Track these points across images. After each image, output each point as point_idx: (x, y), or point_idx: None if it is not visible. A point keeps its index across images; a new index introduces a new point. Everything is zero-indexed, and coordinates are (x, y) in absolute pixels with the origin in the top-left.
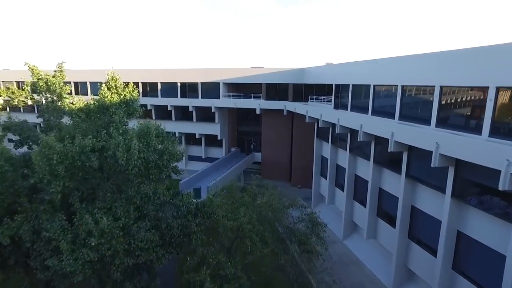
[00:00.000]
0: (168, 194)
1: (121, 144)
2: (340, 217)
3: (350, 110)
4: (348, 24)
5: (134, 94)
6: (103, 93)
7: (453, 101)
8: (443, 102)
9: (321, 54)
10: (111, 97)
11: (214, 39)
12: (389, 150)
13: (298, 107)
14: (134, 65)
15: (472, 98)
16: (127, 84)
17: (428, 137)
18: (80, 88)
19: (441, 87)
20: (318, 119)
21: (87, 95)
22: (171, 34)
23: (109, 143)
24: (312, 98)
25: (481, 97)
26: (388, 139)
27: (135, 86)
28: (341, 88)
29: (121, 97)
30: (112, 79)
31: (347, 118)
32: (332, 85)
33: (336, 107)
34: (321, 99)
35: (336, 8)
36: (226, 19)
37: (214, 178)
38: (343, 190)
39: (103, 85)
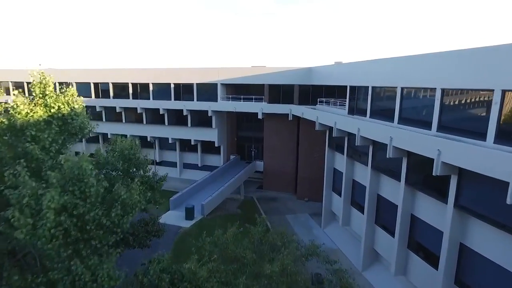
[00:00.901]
0: (116, 279)
1: (26, 200)
2: (358, 242)
3: (370, 117)
4: (350, 23)
5: (76, 105)
6: (16, 106)
7: None
8: (506, 111)
9: (322, 54)
10: (32, 112)
11: (214, 39)
12: (434, 174)
13: (307, 112)
14: (132, 66)
15: None
16: (66, 87)
17: (500, 161)
18: None
19: (504, 92)
20: (331, 127)
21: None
22: (171, 34)
23: (13, 195)
24: (321, 101)
25: None
26: (429, 158)
27: (77, 94)
28: (358, 91)
29: (53, 110)
30: (40, 84)
31: (371, 128)
32: (345, 87)
33: (351, 112)
34: (331, 103)
35: (336, 7)
36: (226, 19)
37: (211, 193)
38: (362, 212)
39: (14, 96)
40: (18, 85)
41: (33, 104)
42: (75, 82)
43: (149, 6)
